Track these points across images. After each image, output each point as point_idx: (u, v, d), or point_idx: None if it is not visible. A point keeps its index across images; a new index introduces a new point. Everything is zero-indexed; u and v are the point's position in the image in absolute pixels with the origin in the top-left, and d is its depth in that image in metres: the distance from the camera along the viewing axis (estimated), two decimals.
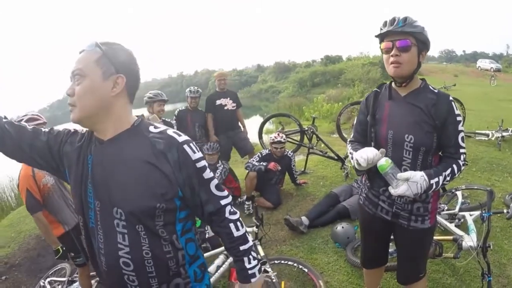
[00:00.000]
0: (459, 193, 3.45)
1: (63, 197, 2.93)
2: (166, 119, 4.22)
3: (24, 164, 2.56)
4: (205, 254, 3.19)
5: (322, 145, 5.33)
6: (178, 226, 1.12)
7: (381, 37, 1.57)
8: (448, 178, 1.54)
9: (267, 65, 48.70)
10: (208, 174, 1.12)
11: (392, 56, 1.52)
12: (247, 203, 4.31)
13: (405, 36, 1.48)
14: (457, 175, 1.57)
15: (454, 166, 1.55)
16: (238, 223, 1.17)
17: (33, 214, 2.67)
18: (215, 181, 1.14)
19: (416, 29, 1.47)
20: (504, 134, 5.93)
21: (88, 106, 1.04)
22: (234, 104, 4.88)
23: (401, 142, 1.59)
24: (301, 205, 4.22)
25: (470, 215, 2.91)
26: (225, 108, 4.80)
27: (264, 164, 4.16)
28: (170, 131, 1.10)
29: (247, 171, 4.28)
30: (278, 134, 4.33)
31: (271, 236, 3.60)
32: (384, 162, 1.53)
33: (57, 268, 4.02)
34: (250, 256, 1.18)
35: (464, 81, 21.82)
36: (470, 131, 6.43)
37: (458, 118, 1.54)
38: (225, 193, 1.17)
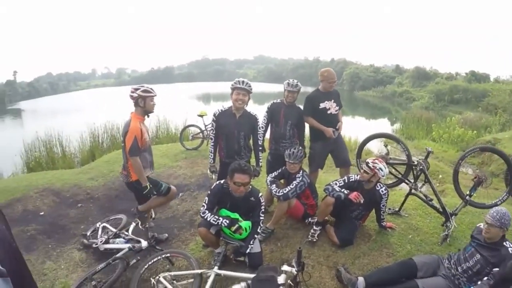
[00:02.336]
0: None
1: (149, 153, 3.64)
2: (250, 111, 3.75)
3: (133, 117, 3.37)
4: (231, 274, 2.86)
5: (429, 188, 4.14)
6: None
7: None
8: None
9: (406, 67, 43.28)
10: None
11: None
12: (315, 227, 3.68)
13: None
14: None
15: None
16: None
17: (133, 156, 3.32)
18: None
19: None
20: None
21: None
22: (337, 108, 4.20)
23: None
24: (373, 257, 3.40)
25: None
26: (328, 112, 4.15)
27: (346, 192, 3.42)
28: None
29: (325, 194, 3.59)
30: (376, 160, 3.46)
31: (315, 282, 3.02)
32: None
33: (115, 217, 4.26)
34: None
35: None
36: None
37: None
38: None
